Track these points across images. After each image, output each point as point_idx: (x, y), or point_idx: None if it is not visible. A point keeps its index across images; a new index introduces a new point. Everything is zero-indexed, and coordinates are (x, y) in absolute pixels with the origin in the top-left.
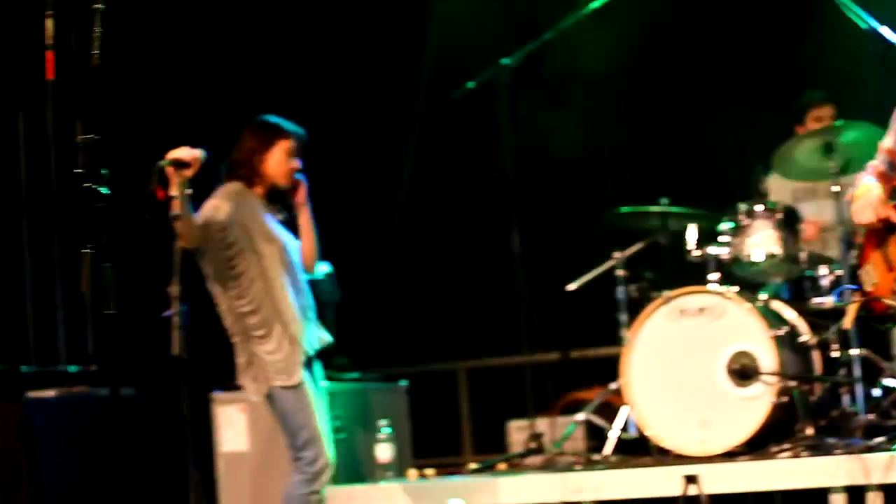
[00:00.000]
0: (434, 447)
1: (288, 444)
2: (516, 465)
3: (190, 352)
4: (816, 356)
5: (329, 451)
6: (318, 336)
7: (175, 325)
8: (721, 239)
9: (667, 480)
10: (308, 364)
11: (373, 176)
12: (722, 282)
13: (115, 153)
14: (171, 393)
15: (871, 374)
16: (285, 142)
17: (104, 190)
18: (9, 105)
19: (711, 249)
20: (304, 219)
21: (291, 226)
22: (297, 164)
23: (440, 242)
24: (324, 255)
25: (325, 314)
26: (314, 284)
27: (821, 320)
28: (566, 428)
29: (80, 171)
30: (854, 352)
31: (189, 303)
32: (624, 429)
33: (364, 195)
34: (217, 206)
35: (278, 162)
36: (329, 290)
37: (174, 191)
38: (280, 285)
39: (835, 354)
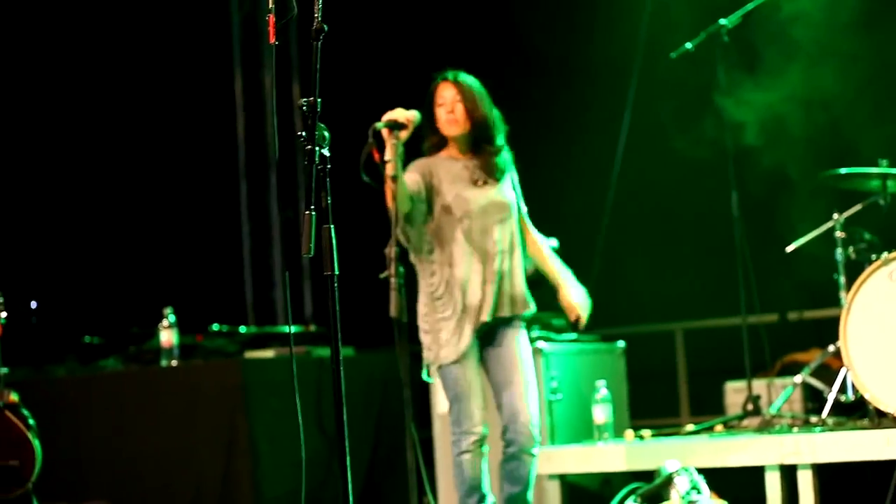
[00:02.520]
0: (651, 408)
1: None
2: (733, 427)
3: (408, 313)
4: None
5: (476, 417)
6: (510, 302)
7: (393, 286)
8: None
9: (885, 444)
10: (497, 327)
11: (589, 136)
12: None
13: (333, 116)
14: (389, 354)
15: None
16: (434, 91)
17: (325, 152)
18: (226, 69)
19: None
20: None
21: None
22: (443, 104)
23: (657, 203)
24: (541, 219)
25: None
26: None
27: None
28: (784, 390)
29: (301, 133)
30: None
31: (406, 264)
32: (842, 391)
33: (580, 155)
34: (411, 176)
35: (437, 114)
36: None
37: (389, 153)
38: (458, 254)
39: None
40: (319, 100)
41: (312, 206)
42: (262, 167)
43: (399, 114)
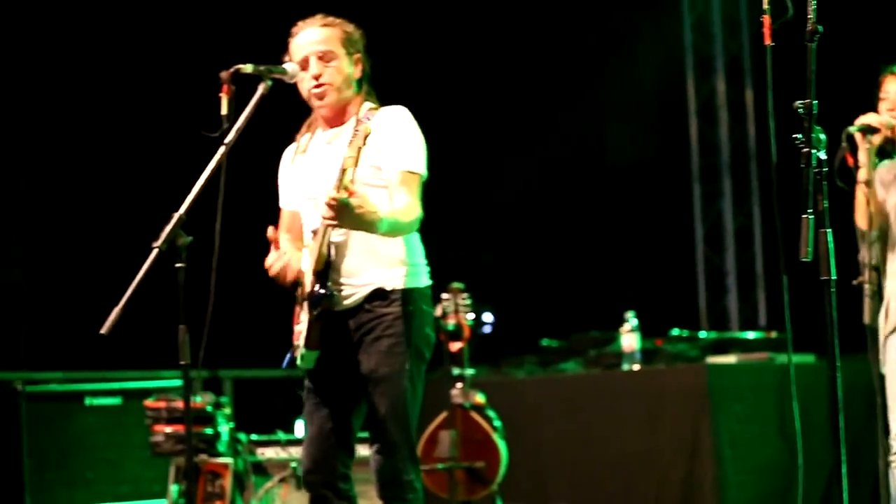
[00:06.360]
0: None
1: None
2: None
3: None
4: None
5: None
6: None
7: (867, 293)
8: None
9: None
10: None
11: None
12: None
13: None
14: (851, 361)
15: None
16: (880, 83)
17: (822, 154)
18: (678, 72)
19: None
20: None
21: None
22: (885, 98)
23: None
24: None
25: None
26: None
27: None
28: None
29: (797, 136)
30: None
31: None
32: None
33: None
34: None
35: (879, 108)
36: None
37: (862, 157)
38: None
39: None
40: (816, 102)
41: (810, 210)
42: (715, 172)
43: (872, 118)
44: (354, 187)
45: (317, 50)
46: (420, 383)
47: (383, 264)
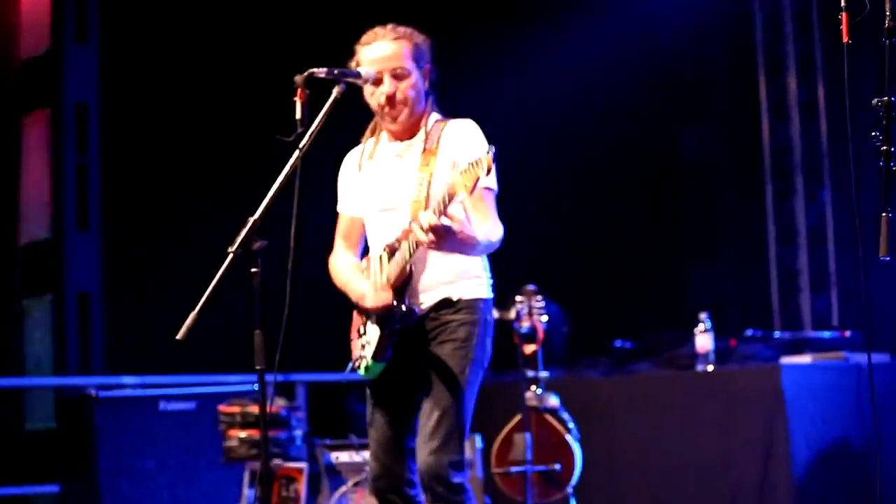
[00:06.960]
0: None
1: None
2: None
3: None
4: None
5: None
6: None
7: None
8: None
9: None
10: None
11: None
12: None
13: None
14: None
15: None
16: None
17: None
18: (751, 72)
19: None
20: None
21: None
22: None
23: None
24: None
25: None
26: None
27: None
28: None
29: (875, 133)
30: None
31: None
32: None
33: None
34: None
35: None
36: None
37: None
38: None
39: None
40: (893, 99)
41: (889, 208)
42: (787, 170)
43: None
44: (455, 212)
45: (390, 67)
46: (476, 389)
47: (452, 277)
